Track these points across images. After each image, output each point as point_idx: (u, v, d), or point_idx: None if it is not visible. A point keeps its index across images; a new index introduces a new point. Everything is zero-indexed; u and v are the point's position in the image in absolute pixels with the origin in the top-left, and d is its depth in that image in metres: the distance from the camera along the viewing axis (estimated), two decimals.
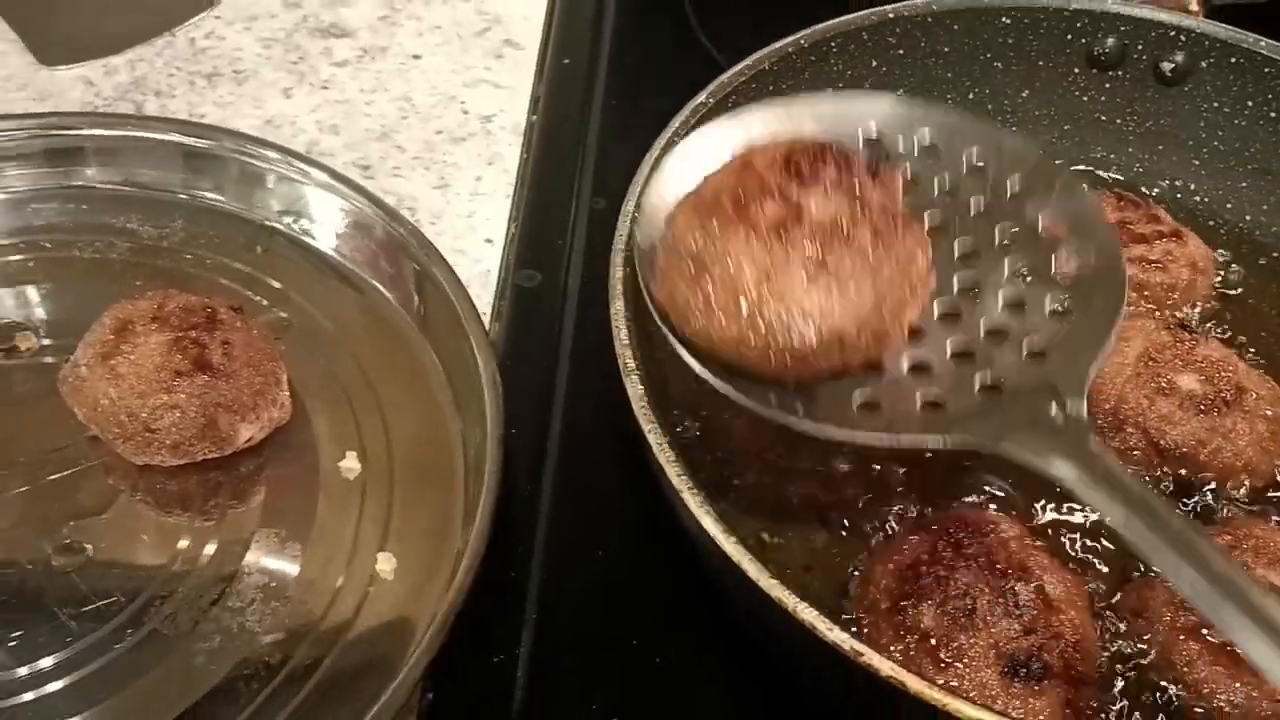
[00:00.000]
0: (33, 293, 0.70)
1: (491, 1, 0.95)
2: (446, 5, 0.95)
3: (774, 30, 0.71)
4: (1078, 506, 0.60)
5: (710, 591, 0.57)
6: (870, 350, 0.52)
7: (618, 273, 0.57)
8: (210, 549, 0.60)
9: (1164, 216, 0.71)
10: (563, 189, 0.81)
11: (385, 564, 0.60)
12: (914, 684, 0.44)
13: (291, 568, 0.60)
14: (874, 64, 0.72)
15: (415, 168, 0.81)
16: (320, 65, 0.89)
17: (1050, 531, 0.60)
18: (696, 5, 0.97)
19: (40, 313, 0.69)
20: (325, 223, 0.72)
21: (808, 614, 0.45)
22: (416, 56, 0.90)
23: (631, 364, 0.53)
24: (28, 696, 0.55)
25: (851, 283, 0.50)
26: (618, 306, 0.55)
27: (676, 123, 0.64)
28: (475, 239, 0.77)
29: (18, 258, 0.71)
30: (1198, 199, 0.75)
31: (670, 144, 0.63)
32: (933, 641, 0.52)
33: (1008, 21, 0.73)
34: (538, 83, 0.89)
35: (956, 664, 0.52)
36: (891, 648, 0.53)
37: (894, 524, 0.60)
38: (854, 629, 0.55)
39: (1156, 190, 0.76)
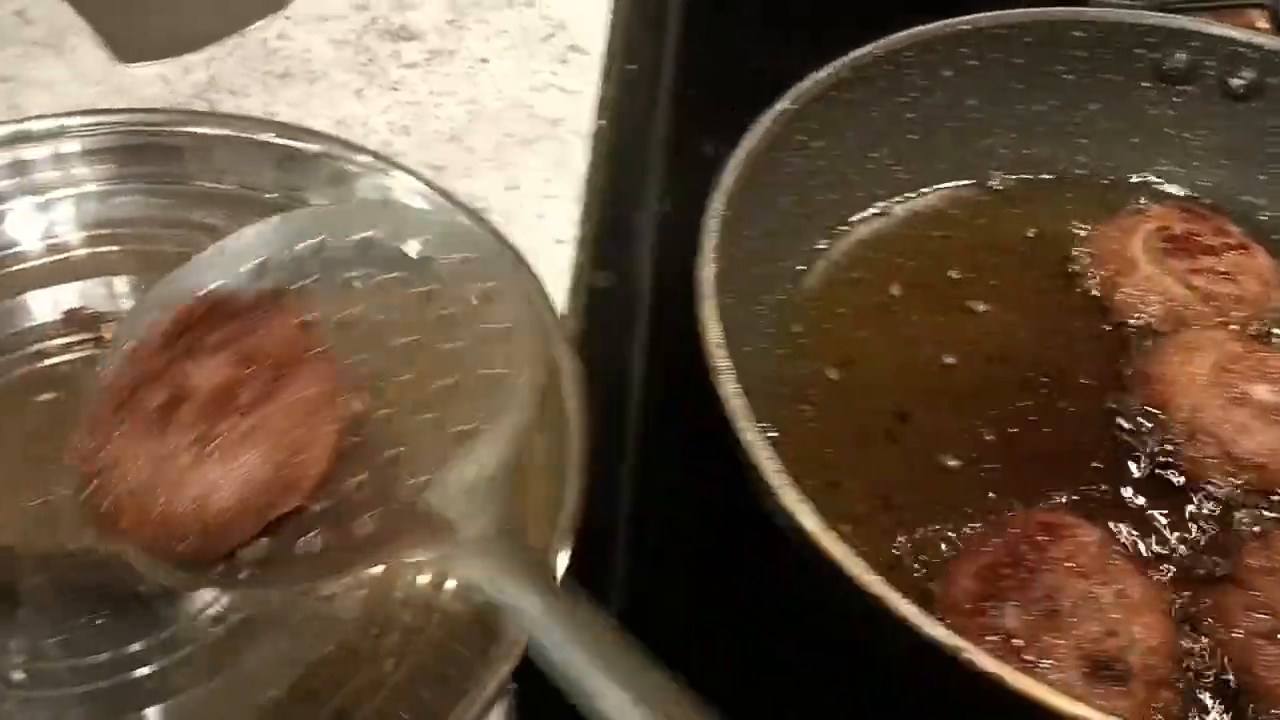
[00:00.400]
0: (121, 284, 0.71)
1: (555, 7, 0.96)
2: (512, 10, 0.96)
3: (838, 36, 0.73)
4: (1156, 512, 0.61)
5: (797, 593, 0.58)
6: (292, 500, 0.50)
7: (707, 270, 0.58)
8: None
9: (1231, 229, 0.72)
10: (631, 192, 0.82)
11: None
12: (1015, 679, 0.44)
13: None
14: (947, 74, 0.73)
15: (486, 169, 0.83)
16: (390, 67, 0.90)
17: (1128, 536, 0.61)
18: (761, 7, 0.98)
19: (126, 304, 0.70)
20: (409, 225, 0.73)
21: (909, 610, 0.46)
22: (484, 60, 0.91)
23: (723, 364, 0.54)
24: (97, 684, 0.55)
25: (248, 448, 0.49)
26: (708, 306, 0.56)
27: (761, 129, 0.65)
28: (546, 239, 0.78)
29: (104, 249, 0.72)
30: (1264, 215, 0.76)
31: (753, 150, 0.64)
32: (1016, 641, 0.53)
33: (1081, 35, 0.74)
34: (604, 87, 0.90)
35: (1040, 664, 0.53)
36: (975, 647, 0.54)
37: (971, 527, 0.61)
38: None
39: (1219, 203, 0.77)
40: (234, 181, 0.76)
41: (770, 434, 0.62)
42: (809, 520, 0.48)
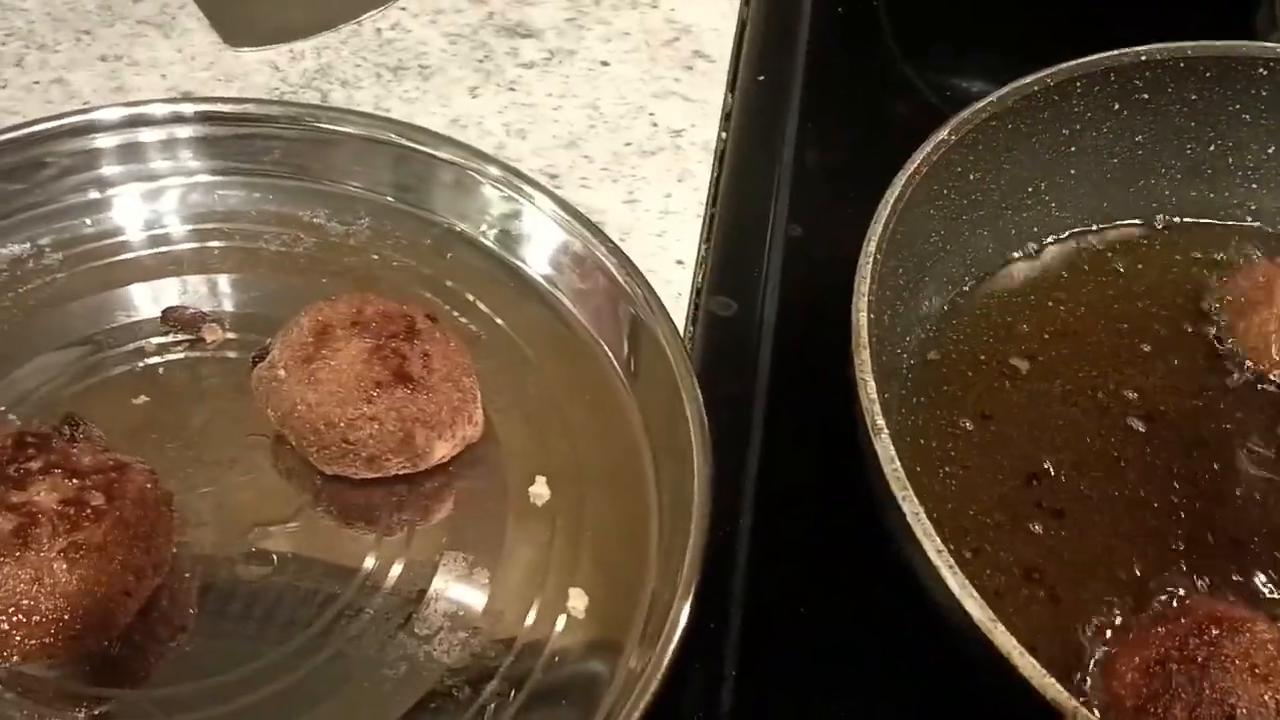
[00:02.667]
0: (222, 282, 0.68)
1: (682, 10, 0.92)
2: (635, 10, 0.91)
3: (976, 57, 0.68)
4: None
5: (938, 669, 0.53)
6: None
7: (862, 319, 0.53)
8: (397, 569, 0.57)
9: None
10: (757, 213, 0.77)
11: (577, 600, 0.57)
12: None
13: (479, 596, 0.57)
14: (1115, 107, 0.68)
15: (604, 179, 0.78)
16: (506, 65, 0.86)
17: None
18: (893, 26, 0.92)
19: (227, 304, 0.67)
20: (523, 235, 0.69)
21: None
22: (605, 63, 0.87)
23: (881, 422, 0.49)
24: (204, 712, 0.53)
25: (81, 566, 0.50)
26: (863, 357, 0.51)
27: (918, 159, 0.60)
28: (666, 259, 0.74)
29: (207, 245, 0.69)
30: None
31: (911, 180, 0.59)
32: None
33: (1264, 72, 0.68)
34: (729, 98, 0.85)
35: None
36: None
37: (1121, 612, 0.56)
38: None
39: None
40: (348, 180, 0.73)
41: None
42: (975, 609, 0.43)
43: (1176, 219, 0.72)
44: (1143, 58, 0.66)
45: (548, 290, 0.68)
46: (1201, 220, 0.72)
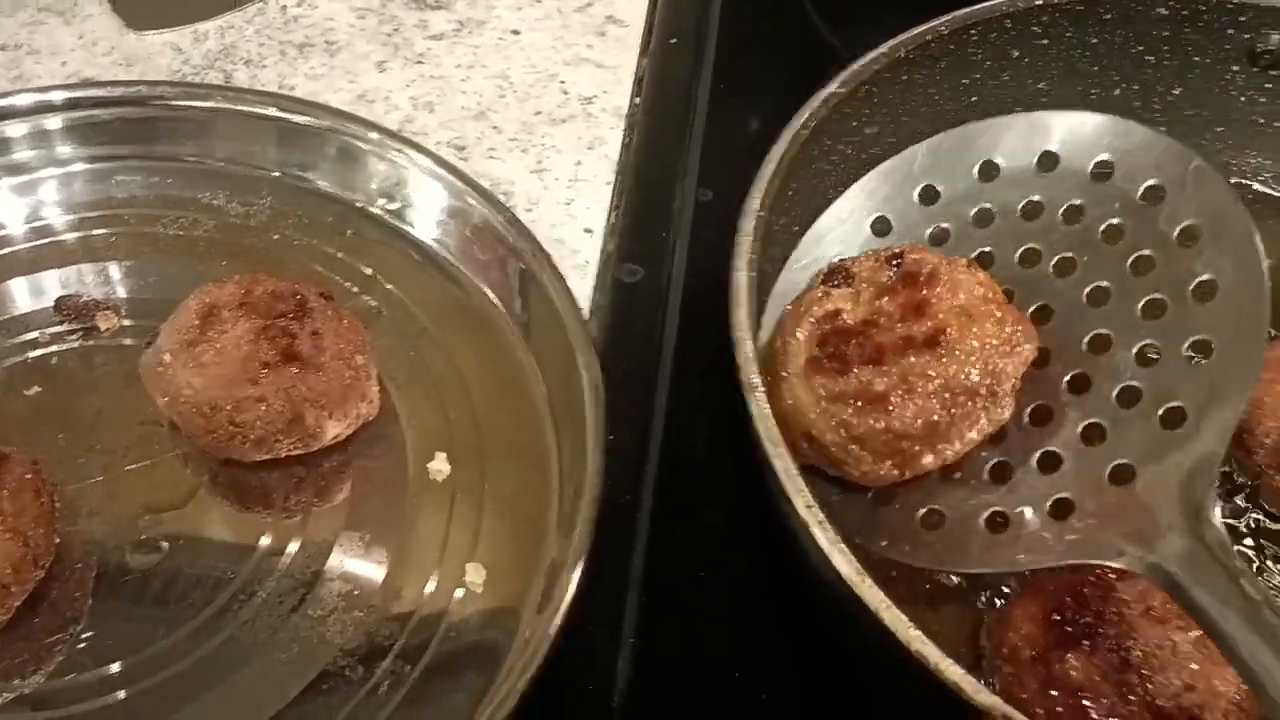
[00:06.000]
0: (115, 269, 0.66)
1: None
2: None
3: (889, 11, 0.66)
4: (1242, 548, 0.55)
5: (831, 628, 0.52)
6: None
7: (741, 278, 0.52)
8: (292, 550, 0.57)
9: None
10: (667, 177, 0.76)
11: (475, 575, 0.56)
12: None
13: (376, 575, 0.56)
14: (1015, 54, 0.67)
15: (512, 150, 0.77)
16: (415, 38, 0.85)
17: None
18: None
19: (122, 291, 0.66)
20: (421, 207, 0.68)
21: (952, 671, 0.41)
22: (515, 32, 0.86)
23: (755, 380, 0.49)
24: (98, 702, 0.52)
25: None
26: (740, 316, 0.50)
27: (804, 113, 0.59)
28: (574, 228, 0.73)
29: (101, 231, 0.68)
30: None
31: (797, 136, 0.58)
32: (1082, 697, 0.48)
33: (1164, 13, 0.67)
34: (641, 63, 0.84)
35: None
36: (1035, 702, 0.48)
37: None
38: (993, 678, 0.50)
39: None
40: (247, 161, 0.71)
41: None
42: (843, 564, 0.43)
43: None
44: (1038, 2, 0.65)
45: (449, 262, 0.67)
46: None
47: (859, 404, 0.52)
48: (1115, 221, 0.55)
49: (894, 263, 0.56)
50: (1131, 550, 0.47)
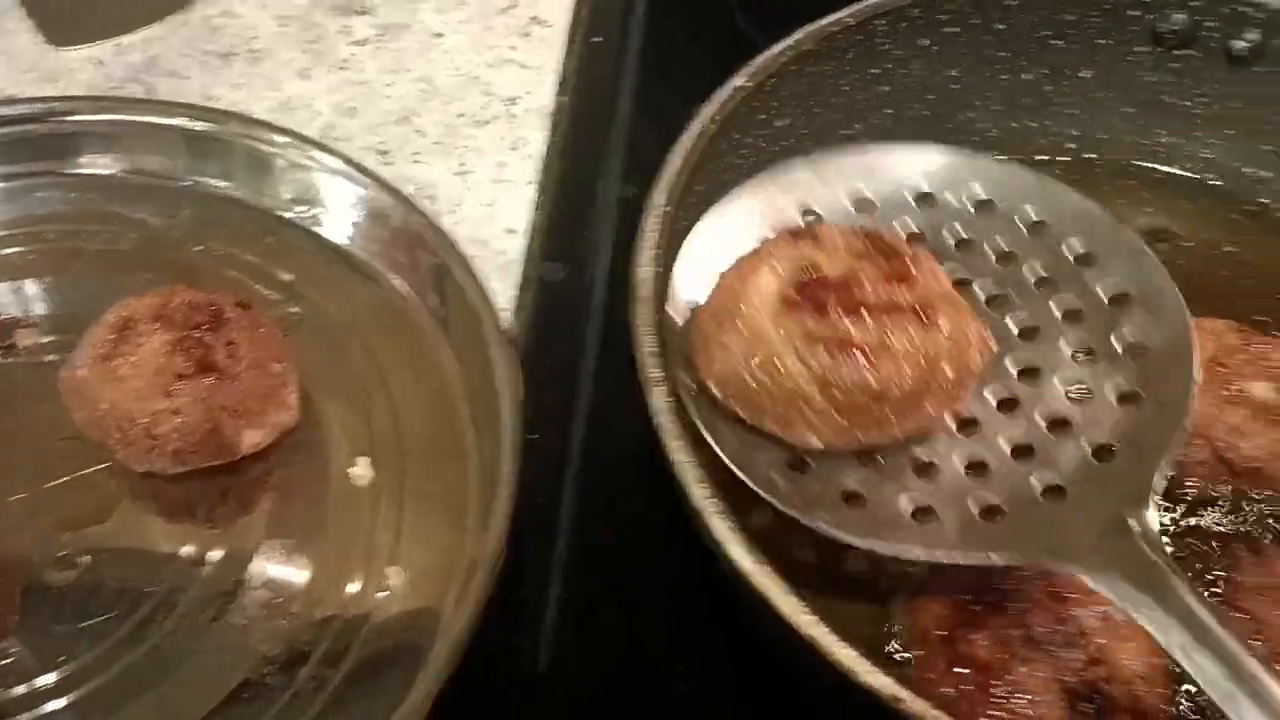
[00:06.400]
0: (33, 286, 0.66)
1: None
2: None
3: (815, 6, 0.67)
4: None
5: (741, 619, 0.53)
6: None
7: (644, 273, 0.53)
8: (214, 559, 0.57)
9: None
10: (590, 176, 0.77)
11: (396, 578, 0.56)
12: None
13: (298, 581, 0.56)
14: (924, 43, 0.68)
15: (435, 153, 0.78)
16: (338, 44, 0.85)
17: None
18: None
19: (41, 307, 0.66)
20: (338, 212, 0.68)
21: (844, 654, 0.41)
22: (438, 35, 0.86)
23: (657, 374, 0.49)
24: (23, 718, 0.52)
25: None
26: (642, 311, 0.51)
27: (712, 108, 0.60)
28: (497, 228, 0.73)
29: (19, 249, 0.68)
30: (1271, 190, 0.70)
31: (704, 133, 0.59)
32: (988, 675, 0.49)
33: None
34: (566, 63, 0.84)
35: (1014, 700, 0.48)
36: (943, 682, 0.49)
37: None
38: (903, 661, 0.51)
39: (1225, 180, 0.71)
40: (154, 171, 0.71)
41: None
42: (743, 559, 0.43)
43: (1000, 154, 0.71)
44: None
45: (369, 266, 0.67)
46: (1028, 152, 0.72)
47: (840, 354, 0.48)
48: (1044, 275, 0.55)
49: (869, 238, 0.53)
50: (1059, 563, 0.47)
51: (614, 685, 0.55)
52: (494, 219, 0.73)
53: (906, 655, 0.52)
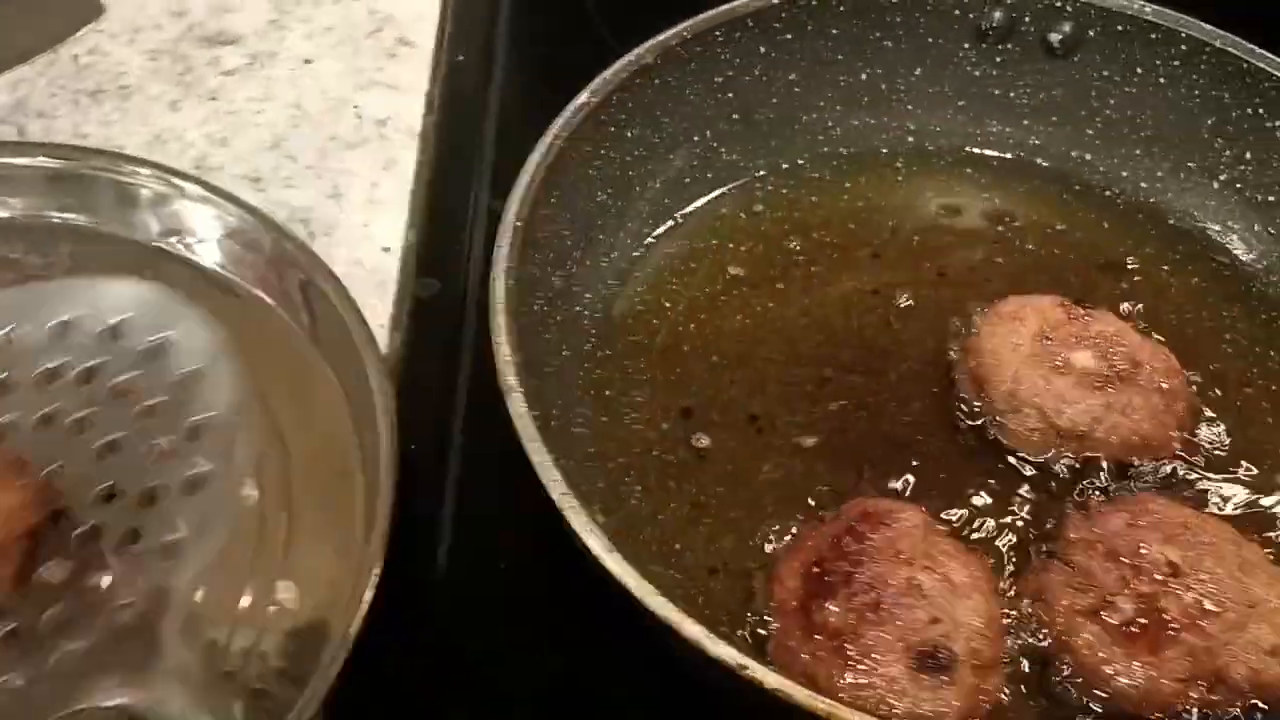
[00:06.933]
0: None
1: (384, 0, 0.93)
2: (338, 5, 0.92)
3: (674, 17, 0.70)
4: (983, 491, 0.60)
5: (611, 609, 0.56)
6: None
7: (500, 285, 0.56)
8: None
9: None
10: (461, 192, 0.79)
11: (286, 593, 0.59)
12: (801, 696, 0.43)
13: (185, 604, 0.58)
14: (762, 50, 0.71)
15: (308, 177, 0.80)
16: (208, 75, 0.86)
17: (954, 517, 0.60)
18: None
19: None
20: (211, 241, 0.70)
21: (693, 630, 0.45)
22: (307, 61, 0.88)
23: (513, 381, 0.52)
24: None
25: None
26: (499, 321, 0.54)
27: (558, 124, 0.63)
28: (372, 248, 0.75)
29: None
30: (1094, 170, 0.75)
31: (552, 147, 0.62)
32: (841, 639, 0.52)
33: (894, 1, 0.72)
34: (433, 83, 0.87)
35: (865, 661, 0.52)
36: (801, 649, 0.53)
37: (800, 520, 0.60)
38: (765, 632, 0.55)
39: (1053, 163, 0.76)
40: (43, 211, 0.72)
41: (589, 448, 0.61)
42: (601, 550, 0.47)
43: (843, 149, 0.76)
44: (775, 1, 0.69)
45: (245, 290, 0.69)
46: (870, 147, 0.77)
47: None
48: (125, 377, 0.58)
49: None
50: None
51: (498, 686, 0.58)
52: (369, 239, 0.76)
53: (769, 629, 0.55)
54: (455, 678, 0.58)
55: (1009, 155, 0.76)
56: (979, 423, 0.63)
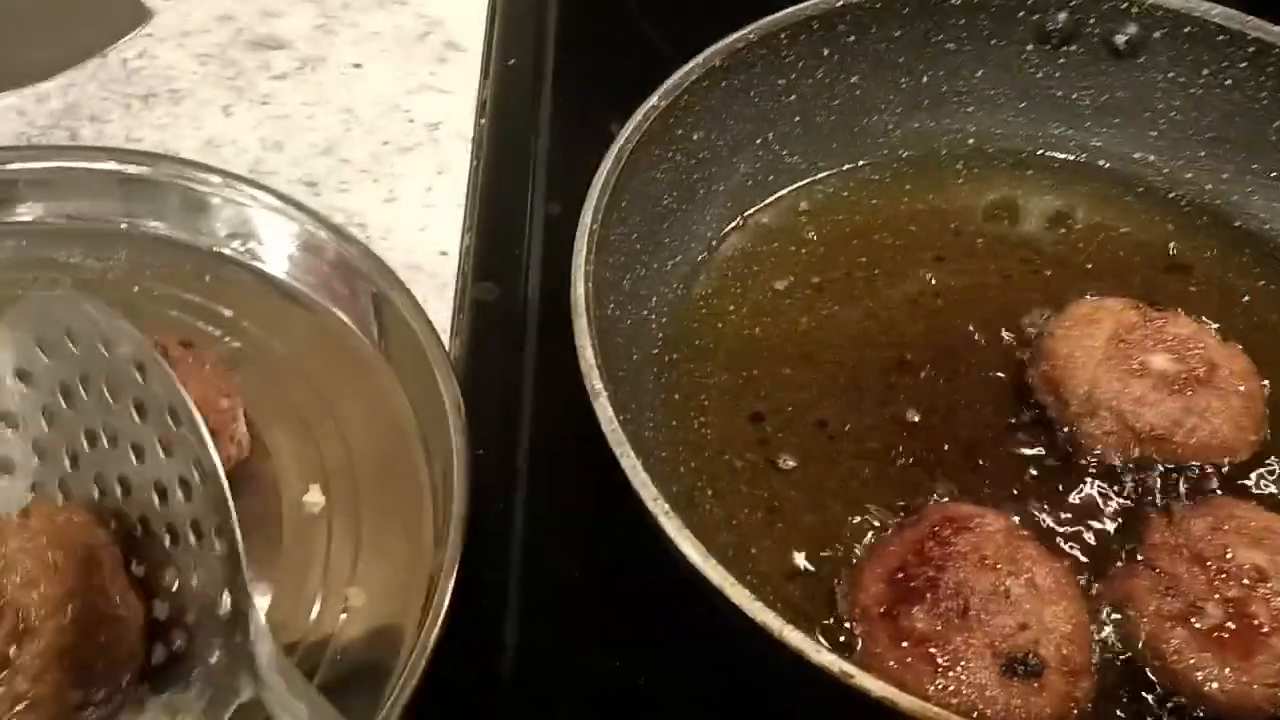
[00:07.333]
0: None
1: (430, 4, 0.93)
2: (384, 10, 0.92)
3: (723, 20, 0.70)
4: (1065, 495, 0.60)
5: (693, 611, 0.56)
6: None
7: (580, 289, 0.55)
8: None
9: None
10: (516, 195, 0.79)
11: (356, 599, 0.58)
12: (907, 703, 0.43)
13: (259, 609, 0.58)
14: (826, 53, 0.71)
15: (363, 181, 0.79)
16: (258, 80, 0.86)
17: (1037, 521, 0.59)
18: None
19: None
20: (273, 246, 0.70)
21: (794, 637, 0.44)
22: (357, 65, 0.88)
23: (599, 385, 0.52)
24: None
25: None
26: (581, 325, 0.54)
27: (630, 128, 0.62)
28: (429, 252, 0.75)
29: None
30: (1158, 172, 0.75)
31: (623, 150, 0.61)
32: (929, 646, 0.52)
33: (957, 3, 0.72)
34: (483, 86, 0.87)
35: (954, 668, 0.51)
36: (888, 656, 0.52)
37: (876, 524, 0.59)
38: (846, 638, 0.54)
39: (1115, 164, 0.76)
40: (85, 215, 0.72)
41: (660, 452, 0.61)
42: (693, 553, 0.46)
43: (904, 151, 0.75)
44: (840, 3, 0.69)
45: (307, 296, 0.69)
46: (932, 149, 0.76)
47: None
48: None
49: None
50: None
51: (576, 689, 0.57)
52: (426, 243, 0.75)
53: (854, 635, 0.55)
54: (524, 678, 0.58)
55: (1071, 157, 0.76)
56: (1053, 426, 0.62)
